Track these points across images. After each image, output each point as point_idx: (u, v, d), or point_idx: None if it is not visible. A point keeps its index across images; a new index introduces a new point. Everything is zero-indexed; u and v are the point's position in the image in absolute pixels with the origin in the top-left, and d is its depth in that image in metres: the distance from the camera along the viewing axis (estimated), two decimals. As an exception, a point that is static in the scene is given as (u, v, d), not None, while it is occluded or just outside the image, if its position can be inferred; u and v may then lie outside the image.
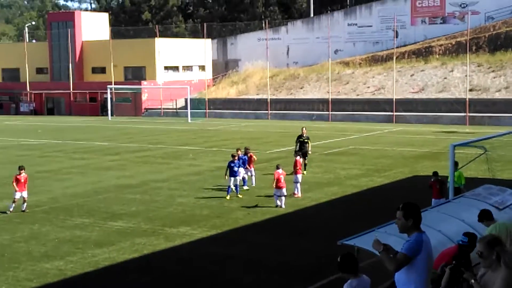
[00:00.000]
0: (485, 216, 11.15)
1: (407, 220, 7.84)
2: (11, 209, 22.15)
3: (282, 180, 22.51)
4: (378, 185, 26.69)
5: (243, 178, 25.34)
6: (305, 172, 28.42)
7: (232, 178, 23.94)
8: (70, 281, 15.14)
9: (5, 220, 21.20)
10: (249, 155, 26.89)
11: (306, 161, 29.63)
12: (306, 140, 30.57)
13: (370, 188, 26.03)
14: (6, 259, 16.76)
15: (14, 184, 22.20)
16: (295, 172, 24.43)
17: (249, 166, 26.60)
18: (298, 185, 24.25)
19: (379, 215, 17.31)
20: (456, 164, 19.83)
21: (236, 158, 24.49)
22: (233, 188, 24.10)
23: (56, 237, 18.81)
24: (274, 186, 22.52)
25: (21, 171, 22.46)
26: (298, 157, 25.01)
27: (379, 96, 62.91)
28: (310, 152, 30.62)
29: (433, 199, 19.27)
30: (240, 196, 23.79)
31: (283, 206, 22.27)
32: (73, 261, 16.47)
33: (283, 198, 22.47)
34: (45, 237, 18.84)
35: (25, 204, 22.35)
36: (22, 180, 22.31)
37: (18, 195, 22.15)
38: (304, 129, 31.29)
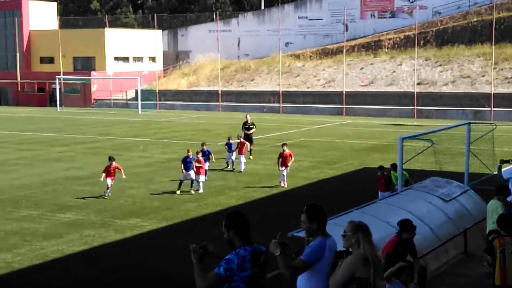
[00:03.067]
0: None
1: (311, 223, 7.33)
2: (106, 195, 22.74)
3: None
4: (328, 177, 26.94)
5: (191, 181, 23.71)
6: (251, 157, 30.64)
7: (187, 173, 23.56)
8: (17, 274, 14.92)
9: (-50, 212, 20.75)
10: (241, 141, 28.04)
11: (252, 147, 31.23)
12: (251, 126, 32.37)
13: (320, 180, 26.26)
14: (-49, 252, 16.42)
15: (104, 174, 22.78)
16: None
17: (241, 152, 27.60)
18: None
19: (330, 207, 17.47)
20: (394, 166, 20.21)
21: (191, 153, 24.00)
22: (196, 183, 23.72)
23: (3, 230, 18.49)
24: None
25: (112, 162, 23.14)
26: (286, 150, 25.04)
27: (329, 89, 63.40)
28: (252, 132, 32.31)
29: (379, 192, 19.60)
30: (193, 192, 23.42)
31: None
32: (21, 254, 16.23)
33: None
34: (-9, 230, 18.52)
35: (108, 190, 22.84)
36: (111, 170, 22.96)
37: (109, 182, 22.75)
38: (248, 116, 33.46)
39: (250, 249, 6.70)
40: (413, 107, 54.75)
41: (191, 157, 23.76)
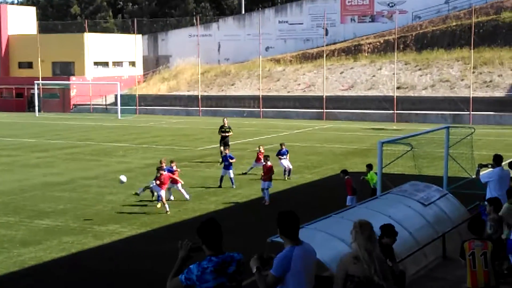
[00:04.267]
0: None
1: (279, 230, 7.21)
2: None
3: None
4: (308, 181, 26.95)
5: (159, 195, 22.18)
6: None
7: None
8: (-6, 282, 14.76)
9: None
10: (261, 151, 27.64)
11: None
12: (228, 130, 32.87)
13: (300, 184, 26.26)
14: None
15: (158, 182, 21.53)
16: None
17: (258, 161, 27.36)
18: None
19: (310, 212, 17.47)
20: (370, 166, 20.49)
21: (164, 165, 22.74)
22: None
23: (-20, 237, 18.30)
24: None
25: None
26: (268, 162, 23.37)
27: (309, 93, 63.52)
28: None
29: (348, 196, 19.99)
30: (159, 206, 22.12)
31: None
32: (-2, 261, 16.06)
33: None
34: (-32, 237, 18.31)
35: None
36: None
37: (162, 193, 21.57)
38: (225, 119, 33.76)
39: (217, 259, 6.61)
40: (393, 111, 55.00)
41: (164, 167, 22.53)
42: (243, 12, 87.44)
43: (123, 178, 22.36)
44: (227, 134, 32.86)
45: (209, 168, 30.29)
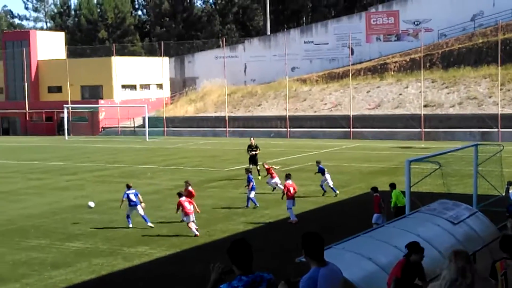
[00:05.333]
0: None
1: (303, 251, 7.17)
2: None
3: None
4: (336, 201, 26.88)
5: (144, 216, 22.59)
6: (259, 177, 32.11)
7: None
8: (26, 304, 14.91)
9: (-41, 243, 20.79)
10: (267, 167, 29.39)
11: (258, 167, 32.84)
12: (255, 149, 34.44)
13: (328, 204, 26.20)
14: (-40, 283, 16.44)
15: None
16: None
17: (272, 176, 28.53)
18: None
19: (338, 232, 17.47)
20: (392, 185, 20.43)
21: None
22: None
23: (11, 260, 18.52)
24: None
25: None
26: (289, 181, 23.50)
27: (336, 112, 63.45)
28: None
29: (375, 214, 20.04)
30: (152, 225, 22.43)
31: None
32: (29, 284, 16.23)
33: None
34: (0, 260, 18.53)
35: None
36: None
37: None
38: (252, 139, 35.55)
39: (247, 279, 6.61)
40: (420, 130, 54.70)
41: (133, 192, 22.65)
42: (268, 33, 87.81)
43: (91, 204, 23.03)
44: (255, 152, 34.23)
45: (236, 189, 30.33)
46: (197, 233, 20.90)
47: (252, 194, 25.51)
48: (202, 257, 18.40)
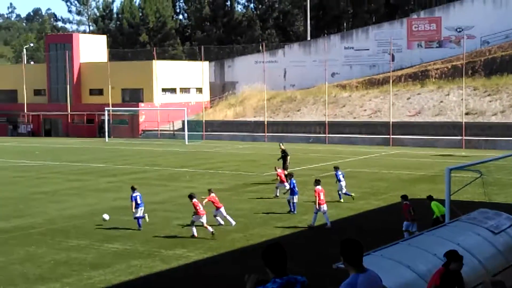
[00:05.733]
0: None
1: (342, 258, 7.12)
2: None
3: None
4: (374, 208, 26.70)
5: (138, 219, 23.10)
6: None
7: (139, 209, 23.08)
8: (65, 303, 15.10)
9: (0, 242, 21.16)
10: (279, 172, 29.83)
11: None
12: (283, 155, 35.19)
13: (366, 211, 26.04)
14: (1, 281, 16.70)
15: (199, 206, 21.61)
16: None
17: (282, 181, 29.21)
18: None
19: (376, 239, 17.35)
20: (430, 198, 20.26)
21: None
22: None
23: (52, 259, 18.77)
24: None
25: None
26: (318, 186, 23.59)
27: (375, 119, 63.10)
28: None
29: (405, 222, 20.09)
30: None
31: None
32: (69, 283, 16.44)
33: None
34: (40, 259, 18.81)
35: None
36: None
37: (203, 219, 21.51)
38: (281, 144, 36.92)
39: (281, 281, 6.61)
40: (461, 137, 54.07)
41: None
42: (308, 38, 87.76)
43: (106, 216, 23.08)
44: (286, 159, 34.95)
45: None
46: (211, 230, 21.40)
47: (295, 199, 25.50)
48: (239, 261, 18.44)
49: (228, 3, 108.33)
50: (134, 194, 23.12)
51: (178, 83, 78.30)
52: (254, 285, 6.70)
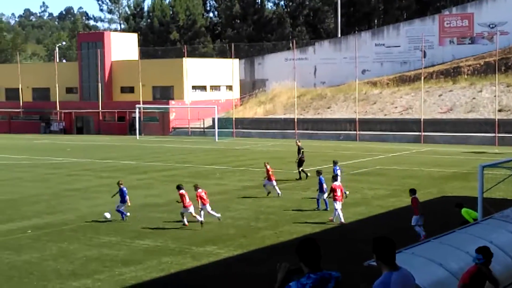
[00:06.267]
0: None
1: (375, 255, 7.09)
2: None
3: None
4: (405, 205, 26.46)
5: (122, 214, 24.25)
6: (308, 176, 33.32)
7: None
8: (97, 299, 15.22)
9: (34, 238, 21.41)
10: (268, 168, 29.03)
11: (302, 169, 34.10)
12: (302, 150, 35.38)
13: (397, 208, 25.87)
14: (35, 277, 16.91)
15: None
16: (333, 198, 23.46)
17: (270, 179, 28.59)
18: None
19: (407, 237, 17.23)
20: (459, 205, 19.99)
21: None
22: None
23: (84, 255, 18.95)
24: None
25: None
26: (336, 182, 23.93)
27: (406, 116, 62.64)
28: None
29: (414, 216, 20.28)
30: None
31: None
32: (101, 280, 16.57)
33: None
34: (73, 255, 18.99)
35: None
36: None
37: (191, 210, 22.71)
38: (298, 141, 37.89)
39: (315, 276, 6.59)
40: (494, 135, 53.43)
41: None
42: (339, 35, 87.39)
43: (107, 215, 23.44)
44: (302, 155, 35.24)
45: (304, 191, 30.27)
46: (201, 219, 22.46)
47: (325, 196, 25.36)
48: (269, 258, 18.42)
49: (259, 1, 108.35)
50: (124, 188, 24.07)
51: (208, 81, 78.50)
52: (286, 274, 6.68)
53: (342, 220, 22.90)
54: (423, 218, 20.08)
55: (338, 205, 22.91)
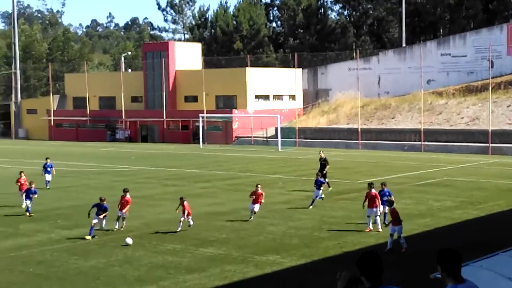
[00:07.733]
0: None
1: (440, 268, 6.89)
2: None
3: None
4: (472, 217, 25.96)
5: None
6: (330, 188, 32.58)
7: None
8: (161, 306, 15.35)
9: (100, 244, 21.78)
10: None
11: (327, 180, 33.16)
12: (323, 162, 34.63)
13: (464, 220, 25.36)
14: (101, 282, 17.18)
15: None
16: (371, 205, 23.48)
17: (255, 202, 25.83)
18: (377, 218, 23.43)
19: (474, 249, 16.86)
20: None
21: (104, 201, 23.80)
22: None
23: (149, 262, 19.16)
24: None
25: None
26: (372, 190, 23.77)
27: (473, 127, 61.45)
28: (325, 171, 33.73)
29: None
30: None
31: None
32: (165, 286, 16.72)
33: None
34: (138, 262, 19.23)
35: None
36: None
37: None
38: (321, 152, 36.33)
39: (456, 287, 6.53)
40: None
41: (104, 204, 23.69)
42: (403, 45, 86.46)
43: (129, 240, 21.87)
44: (325, 167, 34.36)
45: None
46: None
47: (383, 209, 24.94)
48: (332, 268, 18.24)
49: (322, 10, 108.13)
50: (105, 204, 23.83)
51: (271, 90, 78.64)
52: (346, 284, 6.60)
53: (370, 226, 23.33)
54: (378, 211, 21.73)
55: (375, 211, 23.26)
